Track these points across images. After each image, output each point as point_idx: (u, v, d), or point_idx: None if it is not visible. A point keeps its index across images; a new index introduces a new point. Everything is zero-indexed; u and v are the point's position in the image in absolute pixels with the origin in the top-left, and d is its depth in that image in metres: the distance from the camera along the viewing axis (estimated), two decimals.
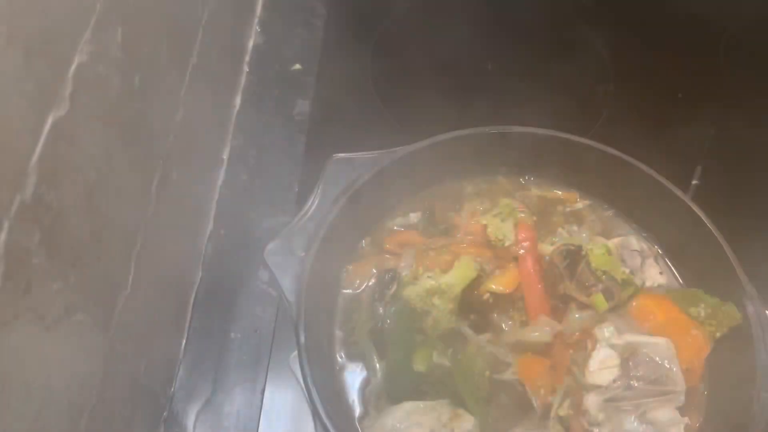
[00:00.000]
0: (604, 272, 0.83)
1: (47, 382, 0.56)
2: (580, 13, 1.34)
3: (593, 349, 0.77)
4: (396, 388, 0.79)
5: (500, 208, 0.91)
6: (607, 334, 0.78)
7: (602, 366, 0.74)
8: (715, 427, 0.78)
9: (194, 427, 0.89)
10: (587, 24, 1.32)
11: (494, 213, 0.90)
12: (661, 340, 0.77)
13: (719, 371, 0.81)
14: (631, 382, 0.74)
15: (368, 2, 1.30)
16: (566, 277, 0.83)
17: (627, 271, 0.84)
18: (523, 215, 0.90)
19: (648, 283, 0.88)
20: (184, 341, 0.95)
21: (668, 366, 0.74)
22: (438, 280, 0.82)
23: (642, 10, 1.35)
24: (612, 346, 0.76)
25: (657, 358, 0.75)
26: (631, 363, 0.74)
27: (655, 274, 0.88)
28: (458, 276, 0.83)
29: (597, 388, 0.74)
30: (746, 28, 1.30)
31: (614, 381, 0.74)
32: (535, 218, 0.91)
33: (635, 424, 0.74)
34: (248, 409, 0.90)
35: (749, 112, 1.19)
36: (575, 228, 0.92)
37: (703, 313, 0.81)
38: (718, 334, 0.80)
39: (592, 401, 0.74)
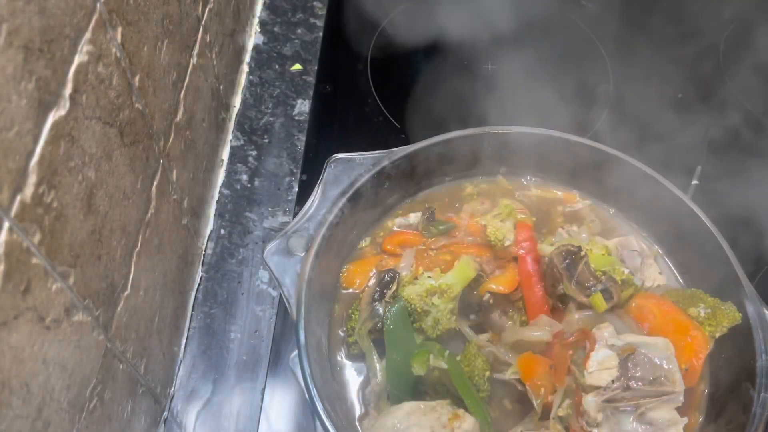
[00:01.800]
0: (604, 272, 0.82)
1: (47, 382, 0.56)
2: (581, 14, 1.34)
3: (592, 349, 0.76)
4: (396, 388, 0.79)
5: (500, 208, 0.91)
6: (605, 335, 0.78)
7: (601, 367, 0.74)
8: (715, 427, 0.78)
9: (194, 427, 0.89)
10: (587, 24, 1.32)
11: (494, 213, 0.90)
12: (659, 340, 0.77)
13: (719, 371, 0.81)
14: (630, 383, 0.73)
15: (368, 2, 1.30)
16: (566, 278, 0.82)
17: (626, 271, 0.84)
18: (522, 216, 0.90)
19: (648, 284, 0.88)
20: (184, 341, 0.95)
21: (666, 366, 0.74)
22: (438, 280, 0.82)
23: (642, 11, 1.35)
24: (611, 347, 0.76)
25: (656, 359, 0.75)
26: (629, 364, 0.74)
27: (655, 274, 0.88)
28: (458, 276, 0.83)
29: (596, 389, 0.74)
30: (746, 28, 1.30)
31: (613, 382, 0.74)
32: (534, 219, 0.91)
33: (634, 424, 0.74)
34: (248, 409, 0.90)
35: (749, 112, 1.19)
36: (575, 228, 0.92)
37: (702, 313, 0.81)
38: (717, 334, 0.80)
39: (590, 402, 0.74)
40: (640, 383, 0.73)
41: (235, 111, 1.18)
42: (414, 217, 0.94)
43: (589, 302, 0.81)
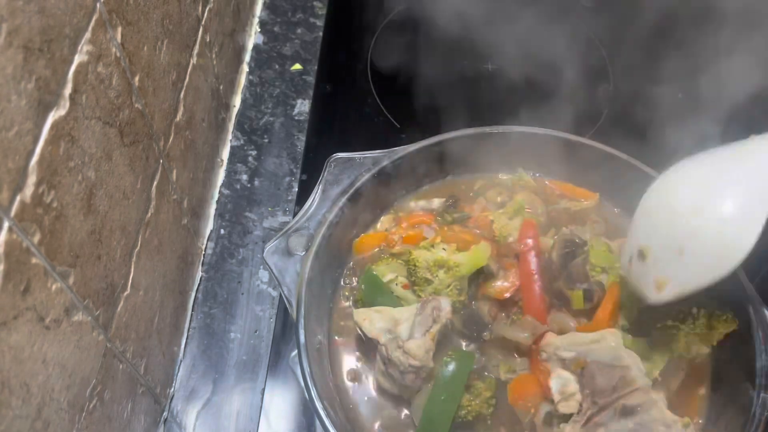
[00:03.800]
0: (603, 268, 0.82)
1: (47, 382, 0.56)
2: (581, 14, 1.34)
3: (550, 375, 0.76)
4: None
5: (512, 204, 0.91)
6: (552, 347, 0.77)
7: (565, 395, 0.73)
8: (715, 428, 0.78)
9: (194, 427, 0.89)
10: (587, 24, 1.31)
11: (502, 210, 0.91)
12: (603, 335, 0.76)
13: (719, 372, 0.81)
14: (596, 399, 0.72)
15: (368, 2, 1.30)
16: (560, 266, 0.82)
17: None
18: (530, 211, 0.90)
19: None
20: (184, 341, 0.95)
21: (619, 364, 0.73)
22: (450, 255, 0.82)
23: (642, 11, 1.35)
24: (563, 363, 0.76)
25: (606, 359, 0.73)
26: (585, 379, 0.73)
27: None
28: (470, 258, 0.82)
29: (569, 416, 0.73)
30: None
31: (581, 405, 0.73)
32: (542, 218, 0.91)
33: (621, 421, 0.71)
34: (248, 409, 0.90)
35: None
36: (579, 228, 0.92)
37: (701, 319, 0.80)
38: (715, 342, 0.79)
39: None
40: (603, 396, 0.72)
41: (235, 111, 1.18)
42: (438, 202, 0.94)
43: (570, 296, 0.81)
